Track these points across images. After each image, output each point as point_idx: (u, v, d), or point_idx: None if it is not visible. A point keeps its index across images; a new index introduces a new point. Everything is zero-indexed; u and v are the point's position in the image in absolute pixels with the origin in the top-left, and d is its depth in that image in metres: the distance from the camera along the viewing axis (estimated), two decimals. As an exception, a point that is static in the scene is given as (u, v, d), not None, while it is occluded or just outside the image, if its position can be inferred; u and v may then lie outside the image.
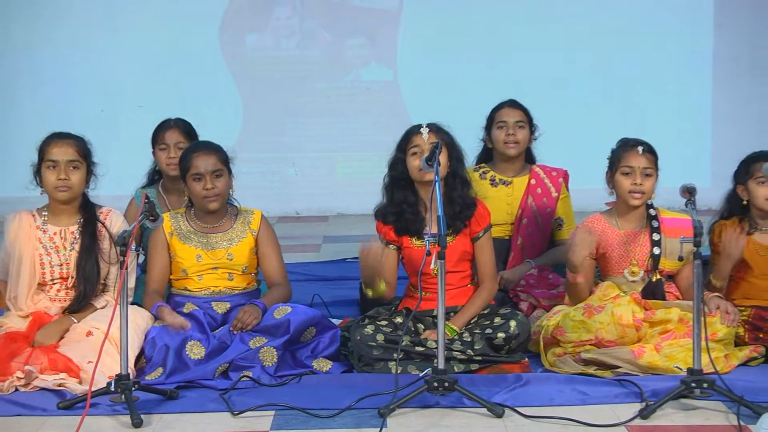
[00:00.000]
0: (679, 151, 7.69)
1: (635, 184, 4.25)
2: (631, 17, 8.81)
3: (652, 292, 4.26)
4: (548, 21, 8.79)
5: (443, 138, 4.17)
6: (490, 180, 5.00)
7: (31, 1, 8.74)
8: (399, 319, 4.26)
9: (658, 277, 4.29)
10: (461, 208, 4.21)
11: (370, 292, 4.21)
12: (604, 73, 8.84)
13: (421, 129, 4.21)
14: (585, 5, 8.78)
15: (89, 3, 8.79)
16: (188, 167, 4.29)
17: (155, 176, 5.04)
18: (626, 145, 4.31)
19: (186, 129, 4.91)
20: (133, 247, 3.76)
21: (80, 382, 3.90)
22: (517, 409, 3.64)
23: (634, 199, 4.27)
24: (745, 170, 4.40)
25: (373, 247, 4.11)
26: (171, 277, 4.37)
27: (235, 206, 4.47)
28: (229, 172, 4.35)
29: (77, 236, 4.24)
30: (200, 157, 4.28)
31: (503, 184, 5.00)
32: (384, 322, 4.21)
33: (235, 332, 4.13)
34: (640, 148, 4.26)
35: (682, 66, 8.90)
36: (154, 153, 4.93)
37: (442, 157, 4.09)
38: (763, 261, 4.39)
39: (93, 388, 3.61)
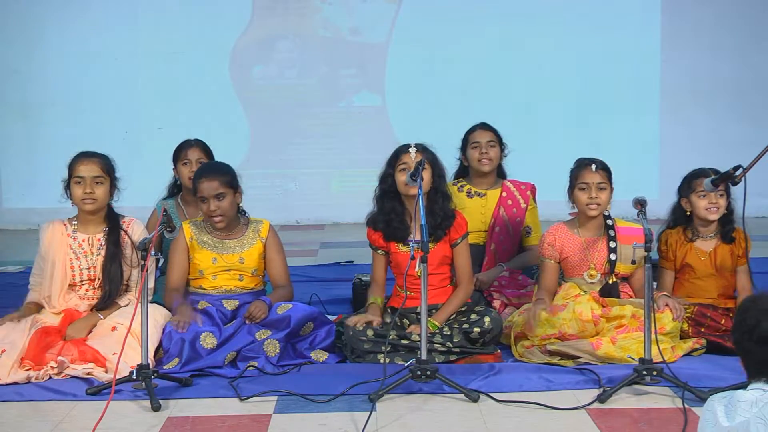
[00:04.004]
0: (631, 168, 7.71)
1: (591, 198, 4.24)
2: (589, 51, 8.84)
3: (609, 292, 4.25)
4: (518, 53, 8.82)
5: (428, 157, 4.15)
6: (467, 193, 4.99)
7: (66, 40, 8.72)
8: (387, 317, 4.24)
9: (614, 279, 4.29)
10: (442, 218, 4.19)
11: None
12: (565, 100, 8.87)
13: (410, 148, 4.18)
14: (549, 41, 8.81)
15: (116, 41, 8.77)
16: (196, 190, 4.28)
17: (175, 189, 5.01)
18: (581, 164, 4.30)
19: (204, 147, 4.90)
20: (152, 252, 3.74)
21: (106, 371, 3.87)
22: (491, 394, 3.63)
23: (591, 210, 4.26)
24: (687, 185, 4.40)
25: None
26: (189, 276, 4.34)
27: (246, 216, 4.44)
28: (235, 190, 4.30)
29: (103, 243, 4.22)
30: (204, 182, 4.23)
31: (478, 196, 4.99)
32: (373, 318, 4.19)
33: (246, 323, 4.11)
34: (593, 166, 4.25)
35: (633, 95, 8.93)
36: (175, 168, 4.90)
37: (426, 174, 4.07)
38: (704, 264, 4.39)
39: (117, 376, 3.62)
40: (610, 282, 4.27)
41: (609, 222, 4.32)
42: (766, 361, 2.21)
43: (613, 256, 4.26)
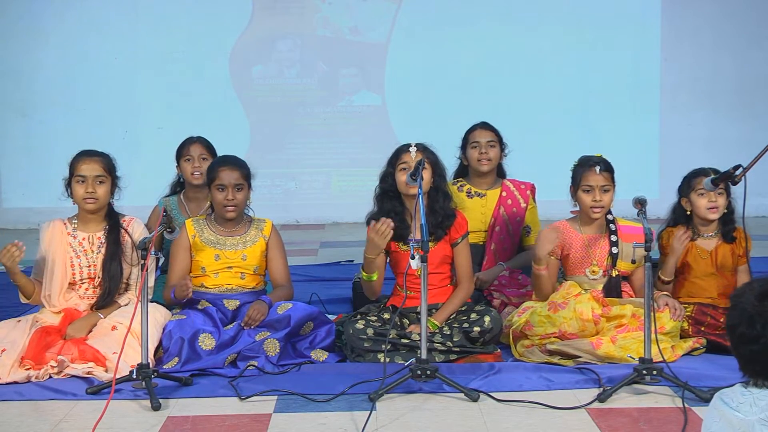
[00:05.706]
0: (631, 167, 7.70)
1: (595, 200, 4.24)
2: (589, 51, 8.85)
3: (612, 287, 4.26)
4: (517, 53, 8.82)
5: (428, 156, 4.15)
6: (467, 193, 4.98)
7: (65, 39, 8.72)
8: (386, 315, 4.23)
9: (617, 273, 4.29)
10: (442, 218, 4.19)
11: (365, 275, 4.14)
12: (565, 99, 8.87)
13: (410, 147, 4.18)
14: (549, 41, 8.81)
15: (117, 40, 8.77)
16: (214, 177, 4.27)
17: (177, 187, 5.04)
18: (585, 165, 4.28)
19: (207, 144, 4.94)
20: (152, 251, 3.74)
21: (106, 371, 3.87)
22: (491, 394, 3.63)
23: (595, 213, 4.26)
24: (688, 184, 4.40)
25: (383, 225, 3.94)
26: (190, 274, 4.34)
27: (250, 215, 4.45)
28: (249, 186, 4.33)
29: (103, 241, 4.22)
30: (225, 170, 4.26)
31: (478, 196, 4.98)
32: (373, 318, 4.18)
33: (246, 328, 4.11)
34: (597, 168, 4.25)
35: (633, 94, 8.94)
36: (178, 165, 4.93)
37: (426, 174, 4.07)
38: (704, 263, 4.39)
39: (117, 376, 3.62)
40: (613, 276, 4.27)
41: (609, 217, 4.33)
42: (753, 360, 2.19)
43: (615, 250, 4.26)
